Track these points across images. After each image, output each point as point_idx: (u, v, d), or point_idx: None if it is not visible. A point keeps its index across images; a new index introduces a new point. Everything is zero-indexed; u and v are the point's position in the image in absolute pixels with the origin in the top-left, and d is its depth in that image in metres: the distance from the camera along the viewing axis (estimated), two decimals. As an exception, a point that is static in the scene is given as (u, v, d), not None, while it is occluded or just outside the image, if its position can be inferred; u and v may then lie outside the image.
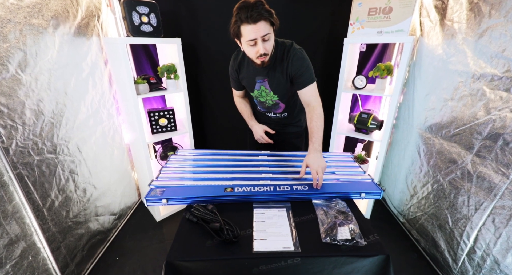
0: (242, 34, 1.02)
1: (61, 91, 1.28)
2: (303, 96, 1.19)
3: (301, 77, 1.15)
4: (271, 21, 1.00)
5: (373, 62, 1.98)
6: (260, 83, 1.26)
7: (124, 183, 1.93)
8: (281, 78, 1.21)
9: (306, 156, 1.06)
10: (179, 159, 1.28)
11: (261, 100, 1.35)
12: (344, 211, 0.93)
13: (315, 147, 1.07)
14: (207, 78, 2.07)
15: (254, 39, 1.01)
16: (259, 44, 1.03)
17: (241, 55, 1.26)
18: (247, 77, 1.28)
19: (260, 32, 0.99)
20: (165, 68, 1.64)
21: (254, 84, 1.28)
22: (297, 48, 1.16)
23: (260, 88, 1.28)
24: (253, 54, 1.08)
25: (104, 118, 1.63)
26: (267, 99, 1.32)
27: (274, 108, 1.37)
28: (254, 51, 1.06)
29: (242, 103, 1.48)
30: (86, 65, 1.44)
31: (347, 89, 1.78)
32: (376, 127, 1.75)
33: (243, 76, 1.30)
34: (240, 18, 0.97)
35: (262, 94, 1.30)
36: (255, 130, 1.46)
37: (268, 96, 1.30)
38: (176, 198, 0.95)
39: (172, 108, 1.78)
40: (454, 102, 1.34)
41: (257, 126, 1.44)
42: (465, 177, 1.26)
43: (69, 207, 1.35)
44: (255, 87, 1.29)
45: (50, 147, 1.22)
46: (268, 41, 1.05)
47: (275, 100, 1.31)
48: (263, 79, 1.24)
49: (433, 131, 1.48)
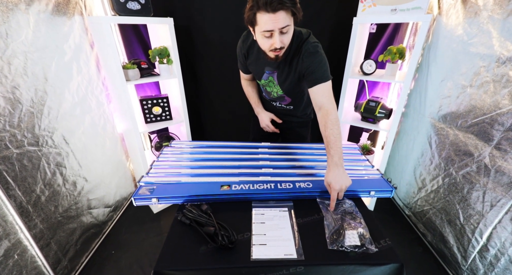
0: (258, 22, 0.87)
1: (40, 77, 1.16)
2: (314, 97, 1.01)
3: (312, 75, 1.00)
4: (293, 11, 0.85)
5: (383, 45, 1.82)
6: (268, 74, 1.14)
7: (119, 174, 1.85)
8: (291, 74, 1.08)
9: (326, 173, 0.88)
10: (173, 152, 1.19)
11: (267, 90, 1.24)
12: (352, 211, 0.84)
13: (334, 161, 0.87)
14: (204, 64, 1.92)
15: (270, 30, 0.86)
16: (275, 37, 0.88)
17: (252, 38, 1.11)
18: (256, 65, 1.16)
19: (279, 24, 0.84)
20: (156, 51, 1.50)
21: (262, 74, 1.16)
22: (311, 42, 1.01)
23: (268, 78, 1.16)
24: (267, 46, 0.94)
25: (92, 106, 1.51)
26: (273, 91, 1.21)
27: (280, 100, 1.27)
28: (269, 44, 0.92)
29: (250, 87, 1.36)
30: (68, 48, 1.31)
31: (354, 75, 1.64)
32: (385, 116, 1.64)
33: (251, 62, 1.17)
34: (258, 3, 0.82)
35: (269, 85, 1.19)
36: (261, 118, 1.36)
37: (275, 88, 1.18)
38: (167, 196, 0.86)
39: (166, 96, 1.66)
40: (473, 89, 1.22)
41: (264, 114, 1.34)
42: (481, 171, 1.17)
43: (57, 201, 1.27)
44: (263, 77, 1.17)
45: (31, 139, 1.12)
46: (286, 34, 0.90)
47: (281, 94, 1.20)
48: (272, 71, 1.12)
49: (448, 121, 1.37)
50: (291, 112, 1.32)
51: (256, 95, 1.37)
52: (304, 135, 1.43)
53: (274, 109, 1.36)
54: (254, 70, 1.19)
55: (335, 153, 0.88)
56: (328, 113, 0.95)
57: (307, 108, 1.34)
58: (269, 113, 1.36)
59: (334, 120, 0.94)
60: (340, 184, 0.83)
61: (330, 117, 0.94)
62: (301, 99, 1.27)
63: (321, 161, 1.12)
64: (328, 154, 0.90)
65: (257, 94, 1.38)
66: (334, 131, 0.92)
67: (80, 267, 1.43)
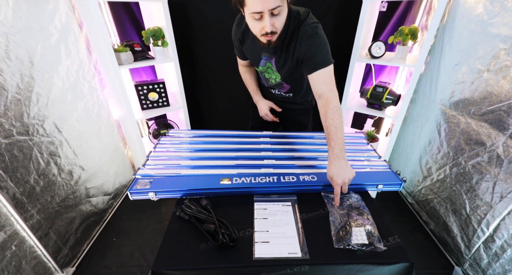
0: (246, 2, 0.78)
1: (26, 61, 1.07)
2: (314, 84, 0.93)
3: (312, 59, 0.91)
4: None
5: (393, 25, 1.70)
6: (266, 60, 1.06)
7: (117, 161, 1.81)
8: (289, 59, 0.99)
9: (328, 167, 0.82)
10: (170, 142, 1.13)
11: (266, 76, 1.16)
12: (359, 206, 0.80)
13: (335, 153, 0.81)
14: (202, 47, 1.81)
15: (260, 12, 0.77)
16: (265, 20, 0.80)
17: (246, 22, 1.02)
18: (252, 51, 1.07)
19: (269, 4, 0.75)
20: (150, 32, 1.40)
21: (259, 60, 1.08)
22: (310, 23, 0.90)
23: (265, 65, 1.08)
24: (258, 30, 0.85)
25: (85, 92, 1.44)
26: (271, 78, 1.13)
27: (279, 87, 1.19)
28: (259, 27, 0.83)
29: (248, 74, 1.28)
30: (54, 28, 1.21)
31: (362, 58, 1.54)
32: (392, 102, 1.56)
33: (247, 47, 1.08)
34: None
35: (268, 71, 1.11)
36: (259, 107, 1.30)
37: (273, 74, 1.10)
38: (165, 190, 0.82)
39: (163, 81, 1.58)
40: (491, 74, 1.14)
41: (262, 103, 1.28)
42: (493, 161, 1.12)
43: (54, 191, 1.24)
44: (260, 63, 1.08)
45: (20, 128, 1.06)
46: (278, 16, 0.81)
47: (279, 81, 1.12)
48: (270, 57, 1.03)
49: (460, 108, 1.30)
50: (291, 100, 1.25)
51: (255, 83, 1.29)
52: (305, 123, 1.37)
53: (273, 97, 1.29)
54: (251, 56, 1.11)
55: (336, 144, 0.82)
56: (328, 101, 0.88)
57: (307, 95, 1.26)
58: (268, 101, 1.29)
59: (335, 109, 0.86)
60: (342, 178, 0.78)
61: (330, 106, 0.87)
62: (301, 86, 1.19)
63: (325, 151, 1.06)
64: (329, 146, 0.84)
65: (255, 82, 1.29)
66: (335, 122, 0.85)
67: (82, 255, 1.43)
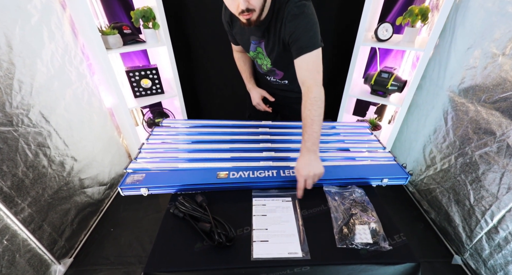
0: None
1: (3, 45, 0.98)
2: (298, 70, 0.86)
3: (297, 43, 0.83)
4: None
5: (401, 5, 1.58)
6: (255, 44, 0.97)
7: (112, 150, 1.75)
8: (276, 43, 0.91)
9: (298, 158, 0.78)
10: (164, 132, 1.07)
11: (258, 63, 1.08)
12: (362, 201, 0.76)
13: (307, 146, 0.77)
14: (198, 30, 1.69)
15: None
16: None
17: None
18: (241, 35, 0.99)
19: None
20: (139, 13, 1.29)
21: (249, 45, 1.00)
22: (296, 1, 0.81)
23: (256, 49, 1.00)
24: (234, 9, 0.76)
25: (73, 79, 1.35)
26: (263, 63, 1.05)
27: (272, 74, 1.11)
28: (235, 5, 0.75)
29: (241, 60, 1.21)
30: (33, 8, 1.11)
31: (367, 41, 1.45)
32: (398, 89, 1.49)
33: (236, 31, 1.00)
34: None
35: (259, 56, 1.03)
36: (252, 95, 1.24)
37: (265, 60, 1.02)
38: (158, 186, 0.78)
39: (156, 67, 1.49)
40: (506, 58, 1.06)
41: (255, 91, 1.21)
42: (502, 151, 1.07)
43: (45, 183, 1.19)
44: (250, 48, 1.00)
45: (3, 118, 0.99)
46: None
47: (270, 68, 1.04)
48: (259, 41, 0.95)
49: (469, 95, 1.23)
50: (287, 87, 1.16)
51: (249, 70, 1.21)
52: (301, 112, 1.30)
53: (269, 85, 1.21)
54: (241, 40, 1.02)
55: (310, 137, 0.77)
56: (309, 90, 0.82)
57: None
58: (260, 90, 1.22)
59: (314, 99, 0.80)
60: (308, 171, 0.73)
61: (310, 96, 0.81)
62: (294, 72, 1.10)
63: (327, 142, 1.01)
64: (302, 137, 0.79)
65: (249, 69, 1.22)
66: (312, 113, 0.79)
67: (79, 246, 1.41)
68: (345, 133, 1.10)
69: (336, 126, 1.14)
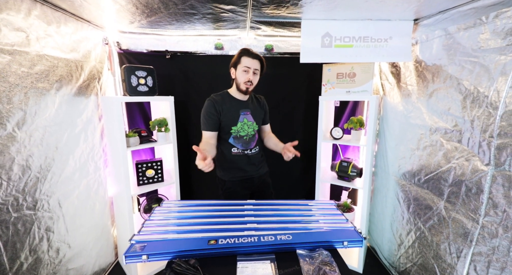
0: (241, 62, 1.38)
1: (52, 147, 1.32)
2: (266, 129, 1.66)
3: (267, 115, 1.63)
4: (262, 64, 1.43)
5: (347, 115, 2.20)
6: (243, 115, 1.47)
7: (102, 240, 1.81)
8: (260, 110, 1.57)
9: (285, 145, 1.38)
10: (164, 211, 1.27)
11: (241, 135, 1.46)
12: (328, 261, 0.93)
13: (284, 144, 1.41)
14: (197, 131, 2.18)
15: (249, 67, 1.37)
16: (250, 73, 1.39)
17: (220, 96, 1.47)
18: (231, 111, 1.45)
19: (254, 65, 1.39)
20: (157, 122, 1.75)
21: (238, 117, 1.46)
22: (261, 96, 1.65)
23: (243, 120, 1.47)
24: (244, 79, 1.39)
25: (90, 171, 1.64)
26: (248, 132, 1.48)
27: (252, 141, 1.52)
28: (245, 77, 1.39)
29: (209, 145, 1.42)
30: (80, 121, 1.53)
31: (326, 139, 1.93)
32: (357, 174, 1.84)
33: (225, 113, 1.43)
34: (243, 52, 1.38)
35: (244, 127, 1.47)
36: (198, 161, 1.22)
37: (249, 128, 1.49)
38: (157, 253, 0.93)
39: (161, 159, 1.83)
40: (419, 151, 1.49)
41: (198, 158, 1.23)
42: (442, 223, 1.31)
43: (37, 270, 1.24)
44: (239, 119, 1.46)
45: (30, 203, 1.19)
46: (255, 75, 1.41)
47: (252, 134, 1.51)
48: (246, 112, 1.48)
49: (407, 179, 1.58)
50: (260, 157, 1.59)
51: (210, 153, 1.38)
52: (271, 183, 1.69)
53: (247, 161, 1.50)
54: (230, 117, 1.44)
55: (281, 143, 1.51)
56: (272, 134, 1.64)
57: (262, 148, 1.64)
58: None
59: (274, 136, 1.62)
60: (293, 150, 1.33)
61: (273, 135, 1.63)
62: (259, 135, 1.62)
63: (305, 216, 1.24)
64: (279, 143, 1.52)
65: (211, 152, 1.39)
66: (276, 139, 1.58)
67: None
68: (315, 209, 1.34)
69: (309, 203, 1.39)
